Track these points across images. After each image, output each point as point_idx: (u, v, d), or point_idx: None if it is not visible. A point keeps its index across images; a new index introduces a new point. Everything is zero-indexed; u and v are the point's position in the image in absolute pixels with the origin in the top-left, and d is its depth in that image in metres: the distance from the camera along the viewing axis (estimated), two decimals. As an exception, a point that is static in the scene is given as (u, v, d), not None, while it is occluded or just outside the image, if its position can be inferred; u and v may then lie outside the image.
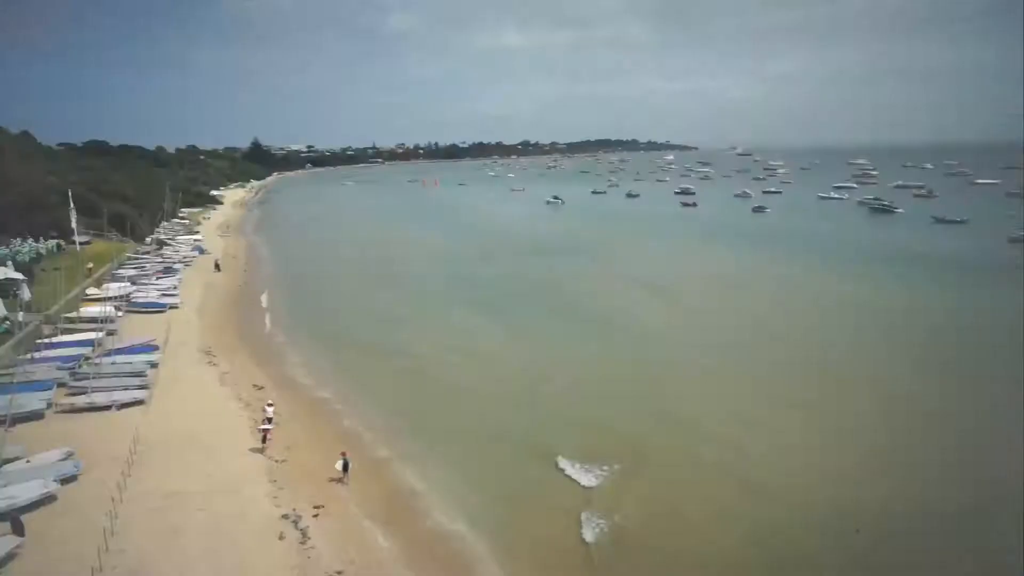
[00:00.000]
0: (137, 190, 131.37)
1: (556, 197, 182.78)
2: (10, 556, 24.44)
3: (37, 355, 47.11)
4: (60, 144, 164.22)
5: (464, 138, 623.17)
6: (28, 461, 31.39)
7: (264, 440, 34.51)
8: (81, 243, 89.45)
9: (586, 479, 31.46)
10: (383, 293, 75.77)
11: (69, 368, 45.05)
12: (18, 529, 25.40)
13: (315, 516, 28.66)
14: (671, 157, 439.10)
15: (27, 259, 72.87)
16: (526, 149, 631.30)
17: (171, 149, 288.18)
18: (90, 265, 76.65)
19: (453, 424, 39.25)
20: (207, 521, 27.85)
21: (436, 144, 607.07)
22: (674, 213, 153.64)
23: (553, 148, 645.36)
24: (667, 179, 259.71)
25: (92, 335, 51.61)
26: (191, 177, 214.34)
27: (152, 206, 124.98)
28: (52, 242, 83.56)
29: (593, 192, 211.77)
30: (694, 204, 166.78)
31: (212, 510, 28.77)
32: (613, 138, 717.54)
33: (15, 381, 37.68)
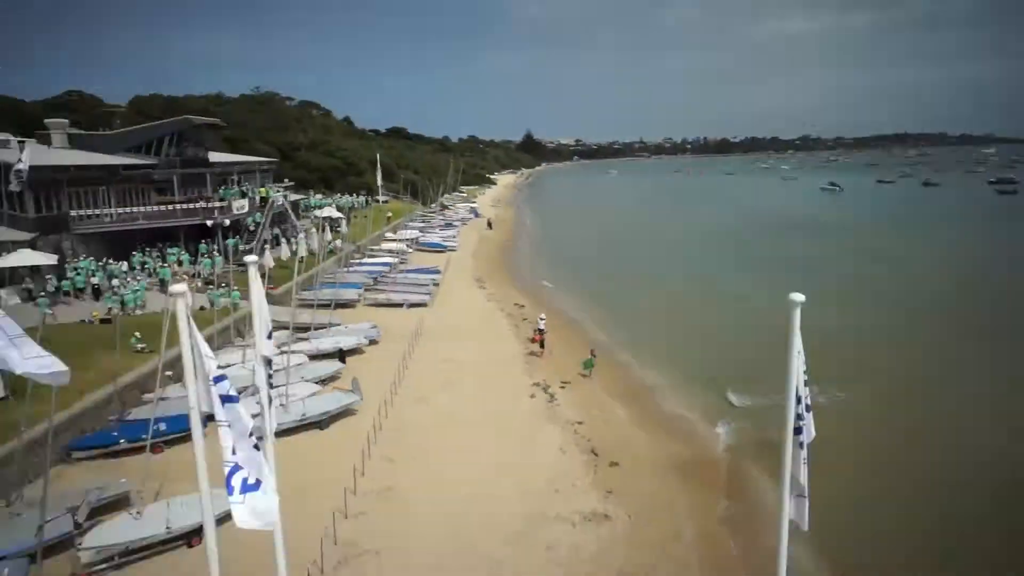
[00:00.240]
0: (425, 166, 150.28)
1: (833, 184, 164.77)
2: (335, 376, 31.84)
3: (352, 268, 57.97)
4: (370, 130, 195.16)
5: (735, 133, 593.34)
6: (347, 327, 39.66)
7: (533, 341, 38.67)
8: (383, 200, 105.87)
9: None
10: (629, 251, 78.60)
11: (373, 278, 54.97)
12: (342, 359, 33.15)
13: (561, 388, 32.26)
14: (992, 150, 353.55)
15: (347, 207, 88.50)
16: (805, 143, 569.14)
17: (454, 139, 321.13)
18: (389, 214, 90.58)
19: (689, 349, 40.39)
20: (474, 379, 33.05)
21: (704, 139, 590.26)
22: (980, 200, 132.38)
23: (838, 143, 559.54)
24: (980, 170, 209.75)
25: (390, 260, 62.81)
26: (470, 162, 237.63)
27: (437, 180, 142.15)
28: (362, 197, 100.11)
29: (878, 181, 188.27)
30: (1014, 191, 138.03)
31: (478, 373, 33.94)
32: (912, 131, 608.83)
33: (338, 281, 47.21)
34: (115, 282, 41.12)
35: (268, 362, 9.25)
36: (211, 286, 40.46)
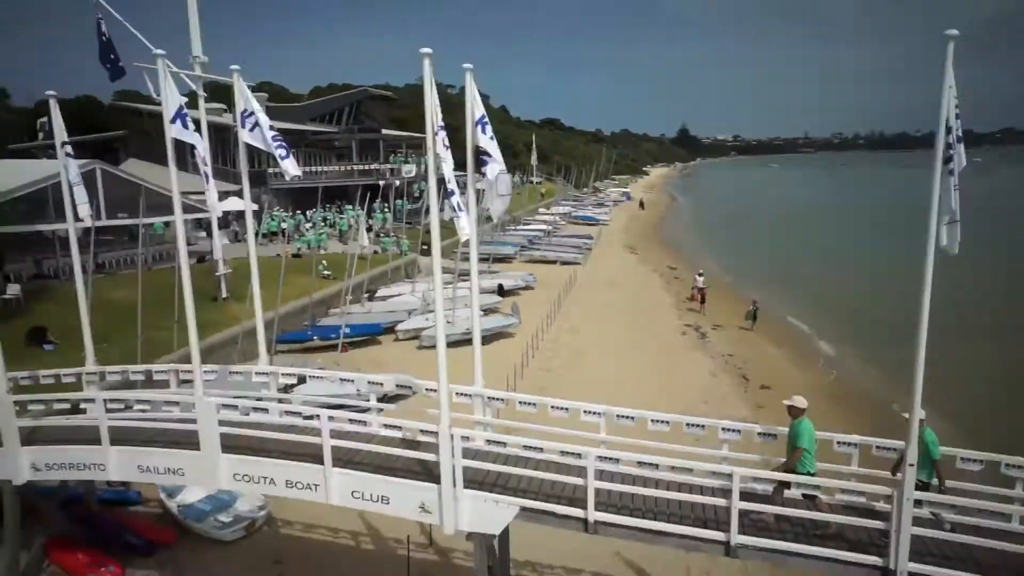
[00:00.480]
0: (578, 154, 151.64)
1: None
2: (494, 308, 33.81)
3: (508, 233, 60.56)
4: (525, 120, 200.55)
5: (917, 127, 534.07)
6: (505, 273, 42.04)
7: (692, 299, 38.37)
8: (536, 181, 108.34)
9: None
10: (780, 229, 74.99)
11: (529, 240, 57.17)
12: (502, 293, 35.37)
13: (713, 329, 32.13)
14: None
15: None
16: (1007, 136, 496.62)
17: (607, 132, 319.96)
18: (543, 191, 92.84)
19: (846, 310, 38.26)
20: (626, 318, 33.84)
21: (880, 133, 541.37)
22: None
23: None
24: None
25: (543, 227, 64.85)
26: (623, 153, 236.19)
27: (588, 167, 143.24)
28: (517, 177, 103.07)
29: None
30: None
31: (630, 314, 34.67)
32: None
33: (494, 240, 49.77)
34: (304, 227, 46.15)
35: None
36: (382, 237, 45.07)
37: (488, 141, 10.28)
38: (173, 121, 10.42)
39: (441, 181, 9.79)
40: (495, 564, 10.65)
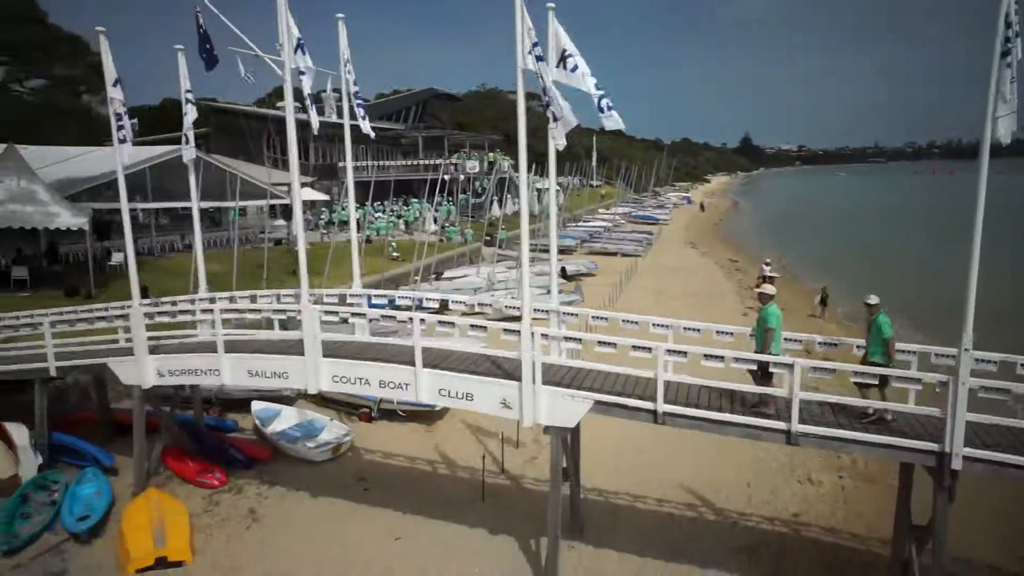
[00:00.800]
0: (638, 160, 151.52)
1: None
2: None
3: (569, 228, 61.50)
4: (585, 127, 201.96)
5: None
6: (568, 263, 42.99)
7: (758, 287, 38.54)
8: (596, 184, 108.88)
9: None
10: (842, 231, 73.24)
11: (589, 235, 57.96)
12: (565, 276, 36.35)
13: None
14: None
15: (564, 186, 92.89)
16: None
17: (667, 140, 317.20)
18: (603, 193, 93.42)
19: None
20: (688, 300, 34.20)
21: (959, 140, 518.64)
22: None
23: None
24: None
25: (602, 224, 65.49)
26: (683, 161, 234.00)
27: (649, 172, 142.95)
28: (576, 179, 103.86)
29: None
30: None
31: (691, 298, 35.02)
32: None
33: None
34: (374, 216, 48.22)
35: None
36: (447, 227, 46.92)
37: (570, 76, 10.50)
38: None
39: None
40: (568, 459, 11.54)
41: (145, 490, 13.51)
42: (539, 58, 10.00)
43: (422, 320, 11.44)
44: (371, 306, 14.60)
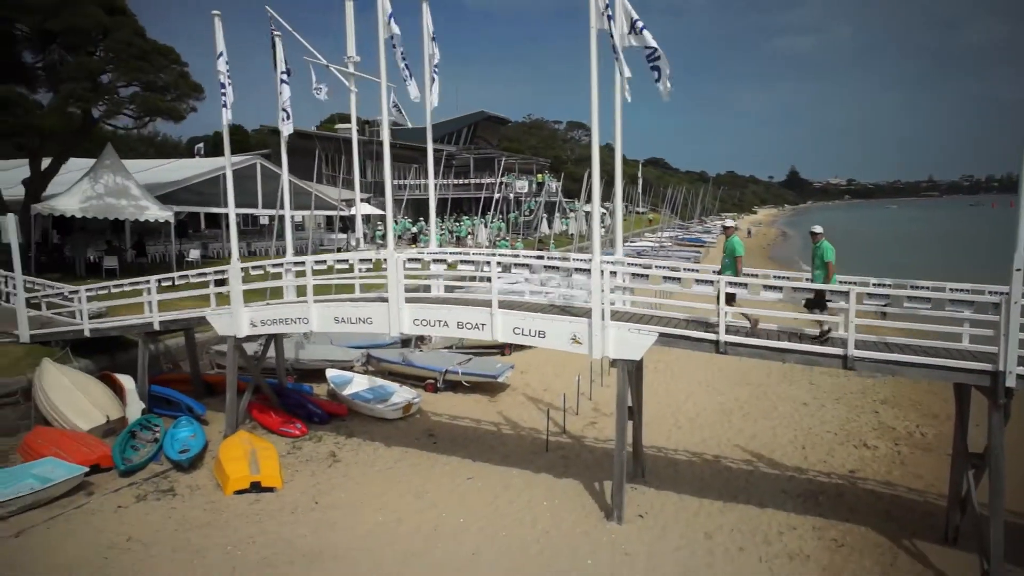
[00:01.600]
0: (686, 190, 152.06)
1: None
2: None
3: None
4: (631, 158, 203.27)
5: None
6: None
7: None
8: (641, 211, 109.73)
9: None
10: (902, 256, 72.24)
11: (638, 253, 58.73)
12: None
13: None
14: None
15: (609, 211, 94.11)
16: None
17: (712, 173, 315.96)
18: (650, 218, 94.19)
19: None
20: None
21: (1018, 174, 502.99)
22: None
23: None
24: None
25: (650, 244, 66.18)
26: (729, 193, 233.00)
27: (694, 202, 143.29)
28: (623, 206, 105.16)
29: None
30: None
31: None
32: None
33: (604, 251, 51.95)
34: (426, 231, 49.90)
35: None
36: (497, 241, 48.52)
37: (639, 36, 11.57)
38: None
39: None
40: (632, 397, 12.29)
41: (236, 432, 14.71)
42: (610, 17, 10.97)
43: (499, 263, 12.45)
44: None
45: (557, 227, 59.18)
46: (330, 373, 18.59)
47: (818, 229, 11.79)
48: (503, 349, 23.30)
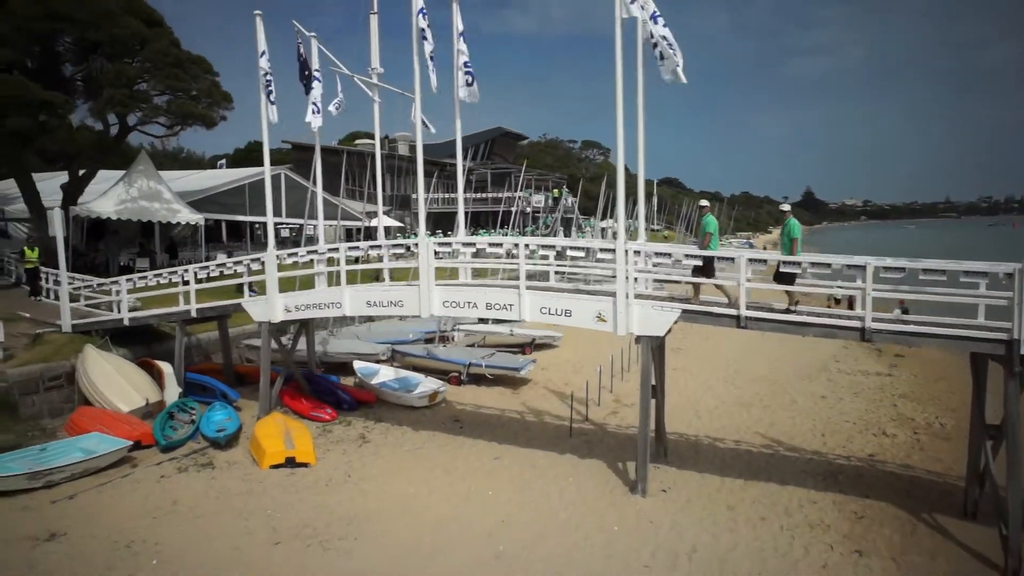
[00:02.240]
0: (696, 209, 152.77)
1: None
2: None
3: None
4: (646, 178, 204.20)
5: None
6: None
7: (830, 307, 38.70)
8: (655, 229, 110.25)
9: None
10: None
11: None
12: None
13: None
14: None
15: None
16: None
17: (726, 193, 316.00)
18: (665, 235, 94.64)
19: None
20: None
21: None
22: None
23: None
24: None
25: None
26: (743, 214, 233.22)
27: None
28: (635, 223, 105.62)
29: None
30: None
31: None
32: None
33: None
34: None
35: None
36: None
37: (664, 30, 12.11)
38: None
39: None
40: (655, 375, 12.68)
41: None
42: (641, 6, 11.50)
43: (527, 245, 12.96)
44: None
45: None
46: (357, 365, 19.10)
47: (786, 208, 12.87)
48: (524, 348, 23.77)
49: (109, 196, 25.72)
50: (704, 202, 14.50)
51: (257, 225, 41.12)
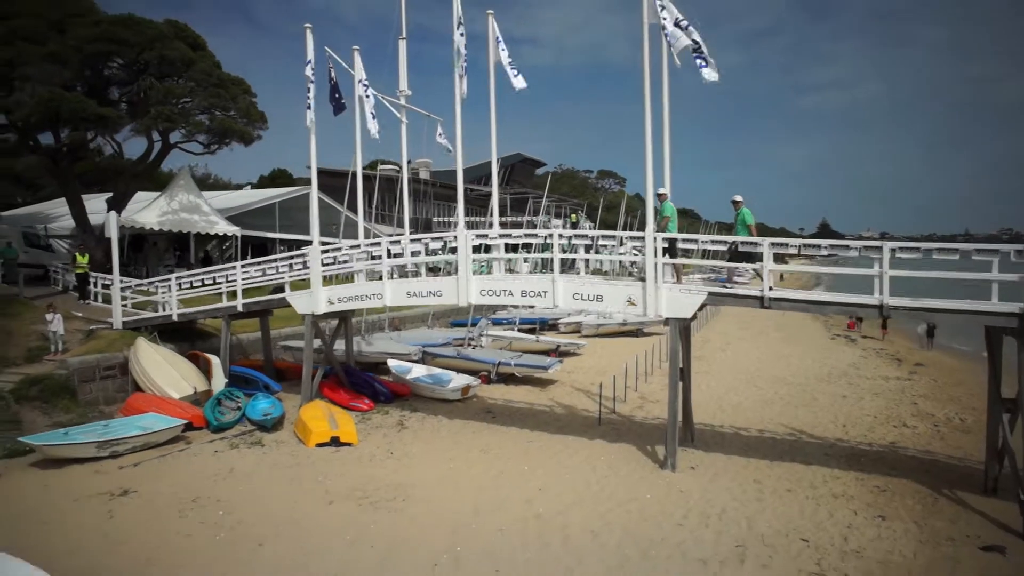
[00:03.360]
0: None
1: None
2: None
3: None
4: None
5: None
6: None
7: (851, 327, 38.52)
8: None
9: None
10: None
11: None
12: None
13: (863, 338, 32.77)
14: None
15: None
16: None
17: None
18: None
19: None
20: (774, 330, 35.01)
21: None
22: None
23: None
24: None
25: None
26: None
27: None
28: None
29: None
30: None
31: (777, 327, 35.84)
32: None
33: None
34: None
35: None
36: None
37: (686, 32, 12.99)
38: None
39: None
40: (682, 357, 13.34)
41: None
42: (662, 6, 12.37)
43: (560, 234, 13.77)
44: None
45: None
46: (392, 363, 19.87)
47: (739, 198, 13.85)
48: (548, 354, 24.43)
49: (152, 208, 26.93)
50: (662, 189, 14.89)
51: (283, 246, 42.31)
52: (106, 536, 9.44)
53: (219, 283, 18.43)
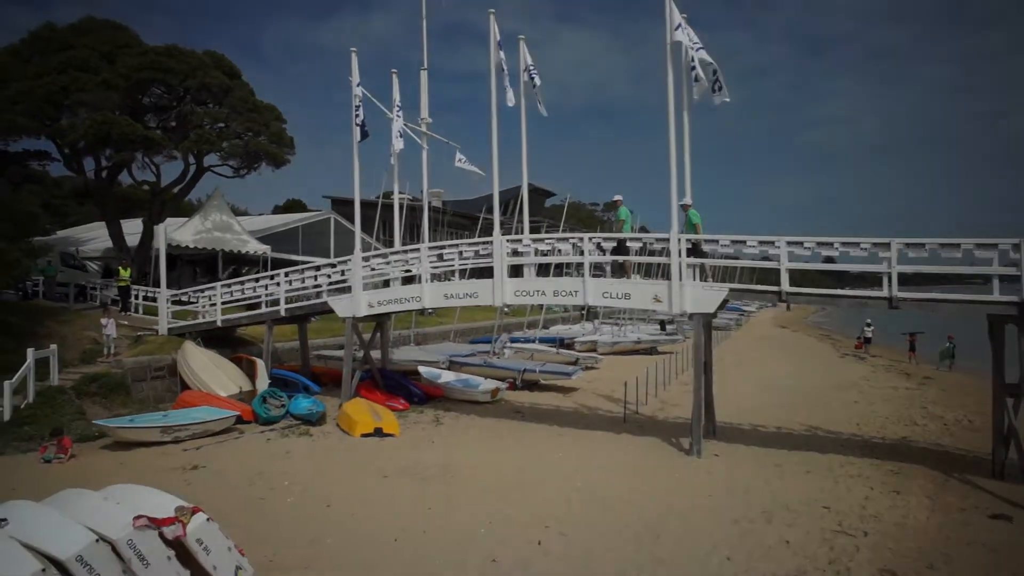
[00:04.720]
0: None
1: None
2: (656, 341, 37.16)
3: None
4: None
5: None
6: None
7: (859, 347, 39.10)
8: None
9: None
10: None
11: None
12: (663, 328, 38.62)
13: (873, 356, 33.53)
14: None
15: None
16: None
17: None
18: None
19: None
20: (785, 352, 35.78)
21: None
22: None
23: None
24: None
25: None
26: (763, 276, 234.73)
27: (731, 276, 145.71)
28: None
29: None
30: None
31: (788, 350, 36.62)
32: None
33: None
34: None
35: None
36: None
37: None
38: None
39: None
40: (705, 351, 14.27)
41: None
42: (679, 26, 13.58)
43: (591, 238, 14.82)
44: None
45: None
46: (422, 369, 20.79)
47: (688, 201, 14.58)
48: (571, 363, 25.32)
49: (187, 227, 28.18)
50: (618, 197, 16.82)
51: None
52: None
53: (259, 293, 19.51)
